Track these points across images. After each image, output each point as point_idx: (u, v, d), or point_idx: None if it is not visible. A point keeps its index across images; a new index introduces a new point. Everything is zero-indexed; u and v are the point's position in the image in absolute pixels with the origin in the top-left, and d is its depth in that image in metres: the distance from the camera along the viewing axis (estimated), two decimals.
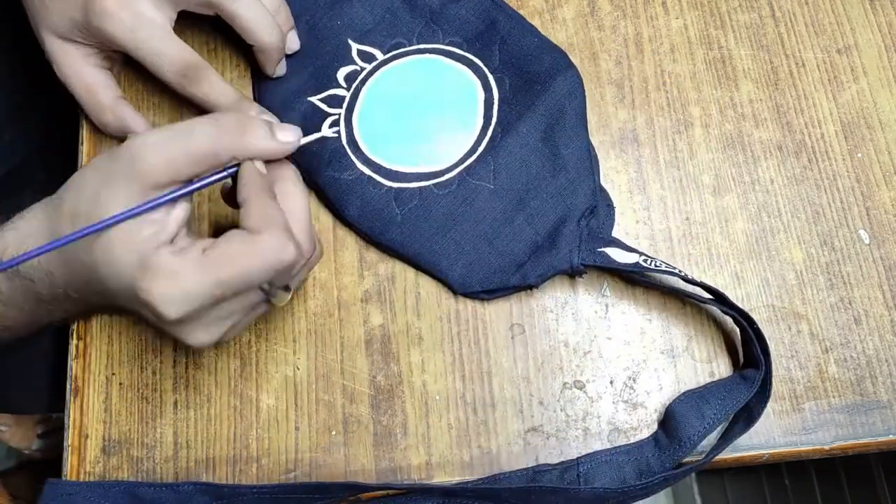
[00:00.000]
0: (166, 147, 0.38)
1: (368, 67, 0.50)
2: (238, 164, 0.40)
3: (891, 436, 0.44)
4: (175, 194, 0.38)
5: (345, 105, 0.49)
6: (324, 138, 0.48)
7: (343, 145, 0.48)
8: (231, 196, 0.41)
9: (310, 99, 0.50)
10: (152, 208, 0.37)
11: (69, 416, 0.45)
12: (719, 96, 0.51)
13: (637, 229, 0.48)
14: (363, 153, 0.48)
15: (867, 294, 0.47)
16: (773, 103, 0.51)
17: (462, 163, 0.48)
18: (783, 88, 0.51)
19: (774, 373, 0.45)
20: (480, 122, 0.48)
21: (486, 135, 0.48)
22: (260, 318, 0.47)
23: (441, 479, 0.44)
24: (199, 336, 0.38)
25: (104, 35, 0.45)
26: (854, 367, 0.45)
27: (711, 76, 0.51)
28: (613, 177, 0.49)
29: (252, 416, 0.45)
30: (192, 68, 0.45)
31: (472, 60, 0.50)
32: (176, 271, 0.36)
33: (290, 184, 0.41)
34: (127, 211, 0.37)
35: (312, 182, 0.48)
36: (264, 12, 0.46)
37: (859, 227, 0.48)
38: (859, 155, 0.49)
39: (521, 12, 0.52)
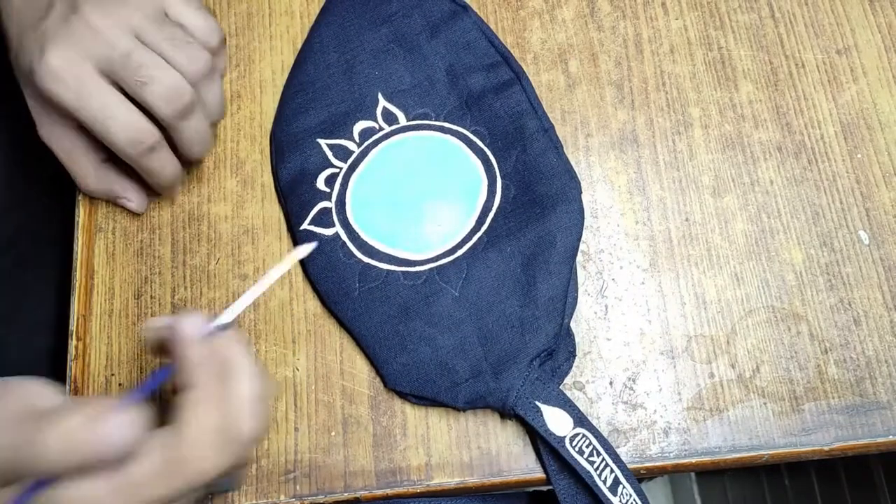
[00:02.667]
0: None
1: (387, 129, 0.49)
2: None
3: (891, 437, 0.44)
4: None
5: (349, 161, 0.48)
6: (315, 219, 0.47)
7: (331, 204, 0.47)
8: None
9: (318, 140, 0.49)
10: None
11: None
12: (719, 97, 0.51)
13: (637, 230, 0.48)
14: (346, 216, 0.47)
15: (867, 295, 0.47)
16: (772, 104, 0.51)
17: (437, 260, 0.46)
18: (783, 89, 0.51)
19: (774, 374, 0.45)
20: (471, 225, 0.47)
21: (470, 239, 0.46)
22: (259, 319, 0.47)
23: (441, 479, 0.44)
24: None
25: (49, 96, 0.40)
26: (854, 368, 0.45)
27: (711, 77, 0.51)
28: (613, 177, 0.49)
29: None
30: (145, 134, 0.42)
31: (488, 157, 0.48)
32: None
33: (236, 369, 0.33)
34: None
35: (292, 227, 0.48)
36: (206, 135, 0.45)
37: (859, 227, 0.48)
38: (859, 155, 0.49)
39: (521, 13, 0.52)
